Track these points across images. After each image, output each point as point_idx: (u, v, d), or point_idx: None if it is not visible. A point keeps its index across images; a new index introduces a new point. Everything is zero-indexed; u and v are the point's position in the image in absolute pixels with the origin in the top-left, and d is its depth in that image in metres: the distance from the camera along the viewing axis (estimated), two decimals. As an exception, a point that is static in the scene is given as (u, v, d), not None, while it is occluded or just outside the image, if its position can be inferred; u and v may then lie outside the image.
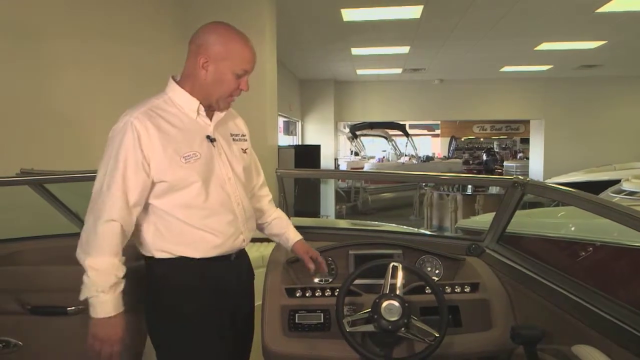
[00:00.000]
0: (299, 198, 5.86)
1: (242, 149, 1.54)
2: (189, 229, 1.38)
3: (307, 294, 1.69)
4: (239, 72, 1.38)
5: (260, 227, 1.73)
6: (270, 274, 1.76)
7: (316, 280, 1.83)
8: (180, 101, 1.40)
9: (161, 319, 1.40)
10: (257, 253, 2.52)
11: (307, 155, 7.27)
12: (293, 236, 1.73)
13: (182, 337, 1.41)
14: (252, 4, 4.27)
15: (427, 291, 1.66)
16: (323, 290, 1.70)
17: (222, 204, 1.43)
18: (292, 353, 1.57)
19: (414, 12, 5.58)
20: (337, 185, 9.58)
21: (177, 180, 1.35)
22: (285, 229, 1.73)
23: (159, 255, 1.40)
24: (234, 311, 1.51)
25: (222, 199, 1.43)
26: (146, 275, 1.41)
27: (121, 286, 1.33)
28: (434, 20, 5.94)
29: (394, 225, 3.85)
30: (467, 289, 1.72)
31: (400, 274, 1.55)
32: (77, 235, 1.35)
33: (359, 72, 10.05)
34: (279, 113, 8.12)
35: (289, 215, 1.81)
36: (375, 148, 17.11)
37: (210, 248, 1.42)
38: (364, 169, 11.67)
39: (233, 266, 1.50)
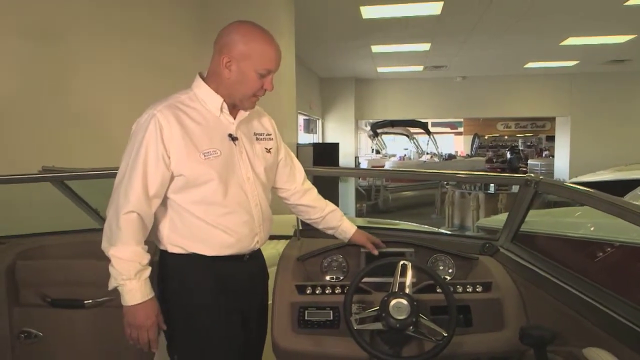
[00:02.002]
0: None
1: (266, 149, 1.52)
2: (204, 226, 1.40)
3: (317, 291, 1.69)
4: (262, 72, 1.37)
5: (313, 222, 1.73)
6: (282, 270, 1.77)
7: (327, 277, 1.83)
8: (205, 98, 1.41)
9: (171, 312, 1.42)
10: (274, 250, 2.51)
11: (326, 153, 7.31)
12: (350, 227, 1.74)
13: (190, 333, 1.43)
14: (270, 2, 4.30)
15: (438, 290, 1.64)
16: (333, 287, 1.70)
17: (239, 204, 1.42)
18: (301, 350, 1.57)
19: (434, 8, 5.52)
20: (358, 184, 9.56)
21: (195, 176, 1.37)
22: (340, 221, 1.73)
23: (172, 249, 1.43)
24: (244, 310, 1.51)
25: (239, 199, 1.43)
26: (158, 268, 1.44)
27: (146, 273, 1.35)
28: (455, 15, 5.86)
29: (410, 223, 3.82)
30: (479, 289, 1.69)
31: (409, 272, 1.54)
32: (97, 230, 1.39)
33: (380, 69, 10.00)
34: (299, 111, 8.16)
35: None
36: (397, 146, 16.98)
37: (223, 247, 1.43)
38: (385, 167, 11.61)
39: (245, 266, 1.50)
